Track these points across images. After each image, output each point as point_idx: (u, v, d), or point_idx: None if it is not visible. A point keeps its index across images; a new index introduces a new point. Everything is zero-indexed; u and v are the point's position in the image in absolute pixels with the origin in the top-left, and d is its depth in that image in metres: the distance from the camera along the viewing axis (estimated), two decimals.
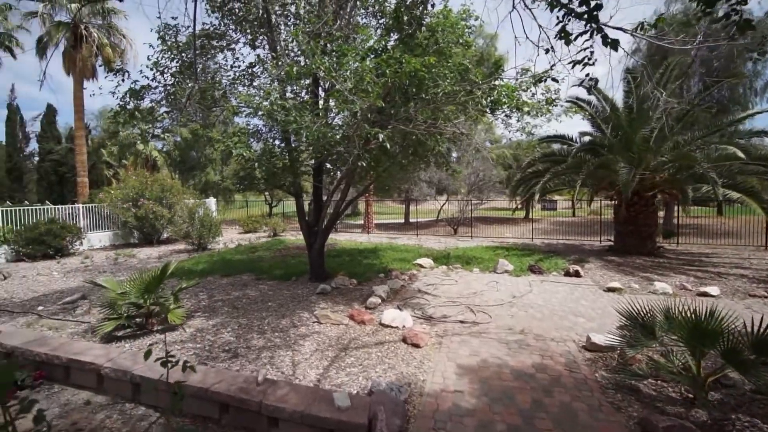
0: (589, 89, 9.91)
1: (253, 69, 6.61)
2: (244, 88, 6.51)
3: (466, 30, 4.93)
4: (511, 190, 13.54)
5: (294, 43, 6.06)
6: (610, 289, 6.64)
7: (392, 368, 3.87)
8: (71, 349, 4.07)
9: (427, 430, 2.93)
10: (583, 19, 2.17)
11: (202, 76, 6.12)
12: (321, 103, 6.07)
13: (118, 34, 18.88)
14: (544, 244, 12.95)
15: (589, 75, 2.51)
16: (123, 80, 5.81)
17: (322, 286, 6.56)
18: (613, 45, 2.04)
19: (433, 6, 4.19)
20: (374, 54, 4.45)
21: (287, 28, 6.43)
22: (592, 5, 2.08)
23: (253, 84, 6.57)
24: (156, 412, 3.41)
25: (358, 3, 5.57)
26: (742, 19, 2.02)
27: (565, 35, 2.19)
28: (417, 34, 4.57)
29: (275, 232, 16.16)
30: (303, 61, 5.56)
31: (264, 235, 15.97)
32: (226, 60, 6.77)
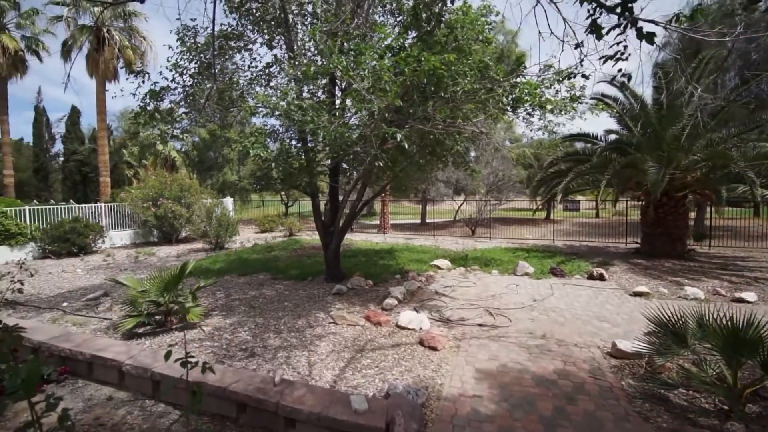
0: (621, 85, 9.63)
1: (270, 69, 6.65)
2: (261, 88, 6.54)
3: (486, 26, 4.83)
4: (532, 191, 13.20)
5: (311, 43, 6.07)
6: (637, 294, 6.40)
7: (409, 371, 3.81)
8: (94, 345, 4.15)
9: None
10: (615, 12, 2.07)
11: (220, 77, 6.17)
12: (338, 102, 6.04)
13: (139, 36, 19.30)
14: (565, 246, 12.61)
15: (621, 70, 2.40)
16: (143, 82, 5.91)
17: (338, 286, 6.54)
18: (649, 38, 1.94)
19: (452, 2, 4.10)
20: (392, 52, 4.40)
21: (304, 27, 6.44)
22: None
23: (270, 84, 6.61)
24: (175, 410, 3.45)
25: (376, 1, 5.52)
26: None
27: (596, 29, 2.09)
28: (436, 31, 4.50)
29: (291, 231, 16.24)
30: (320, 61, 5.55)
31: (280, 235, 16.07)
32: (244, 60, 6.85)
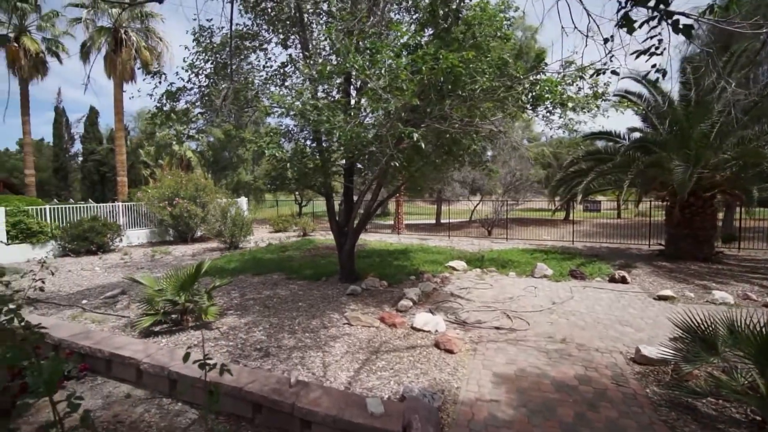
0: (646, 81, 9.28)
1: (285, 69, 6.65)
2: (276, 88, 6.55)
3: (505, 22, 4.73)
4: (551, 190, 12.91)
5: (326, 42, 6.04)
6: (661, 297, 6.19)
7: (425, 374, 3.76)
8: (113, 343, 4.20)
9: None
10: (647, 6, 1.98)
11: (236, 77, 6.20)
12: (353, 102, 6.01)
13: (155, 37, 19.60)
14: (585, 247, 12.32)
15: (656, 66, 2.29)
16: (160, 82, 5.97)
17: (352, 287, 6.51)
18: (686, 32, 1.84)
19: None
20: (408, 50, 4.34)
21: (319, 26, 6.42)
22: None
23: (285, 84, 6.61)
24: (192, 408, 3.46)
25: None
26: None
27: (627, 23, 1.99)
28: (453, 28, 4.42)
29: (305, 231, 16.27)
30: (334, 60, 5.53)
31: (294, 235, 16.13)
32: (259, 60, 6.87)
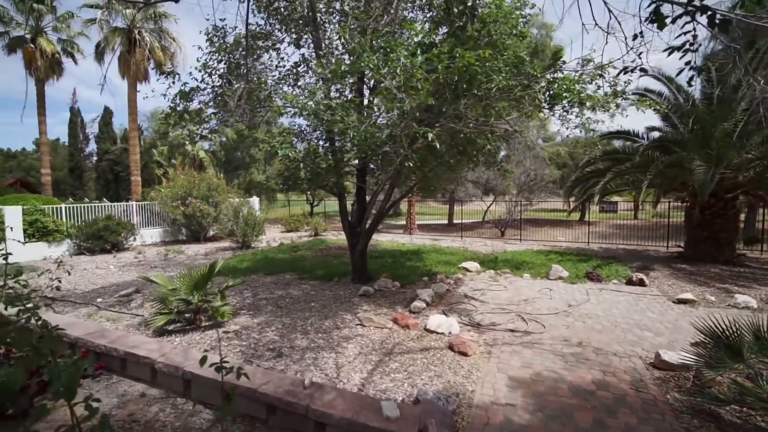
0: (667, 79, 9.02)
1: (298, 69, 6.65)
2: (289, 87, 6.55)
3: (521, 20, 4.64)
4: (566, 191, 12.70)
5: (339, 41, 6.02)
6: (681, 301, 6.04)
7: (439, 376, 3.71)
8: (128, 342, 4.24)
9: None
10: (679, 3, 1.90)
11: (249, 77, 6.21)
12: (366, 101, 5.97)
13: (168, 38, 19.79)
14: (601, 248, 12.10)
15: (690, 63, 2.20)
16: (173, 82, 6.01)
17: (364, 288, 6.47)
18: (723, 27, 1.75)
19: None
20: (422, 49, 4.28)
21: (332, 26, 6.40)
22: None
23: (298, 84, 6.60)
24: (206, 408, 3.46)
25: None
26: None
27: (658, 18, 1.91)
28: (468, 26, 4.35)
29: (317, 231, 16.27)
30: (347, 59, 5.50)
31: (305, 235, 16.15)
32: (271, 60, 6.87)
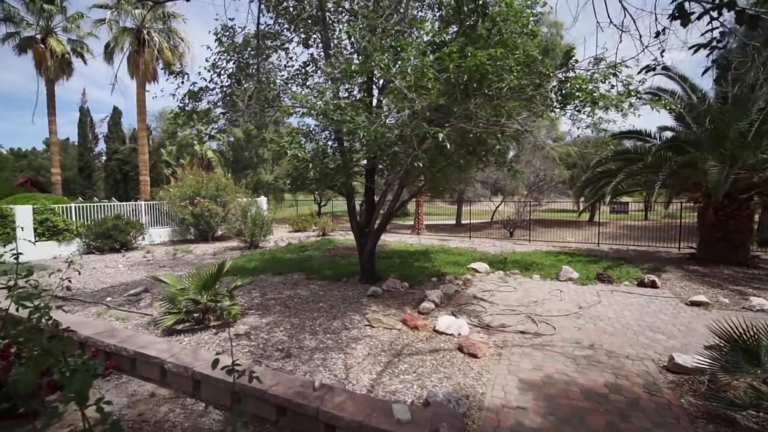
0: (680, 78, 8.88)
1: (307, 68, 6.63)
2: (298, 87, 6.53)
3: (532, 18, 4.58)
4: (577, 191, 12.52)
5: (348, 41, 5.99)
6: (694, 303, 5.93)
7: (448, 378, 3.68)
8: (137, 342, 4.25)
9: None
10: (702, 1, 1.84)
11: (258, 77, 6.21)
12: (375, 101, 5.93)
13: (177, 38, 19.92)
14: (612, 250, 11.95)
15: (717, 60, 2.14)
16: (182, 82, 6.02)
17: (373, 288, 6.44)
18: (751, 23, 1.70)
19: None
20: (433, 48, 4.24)
21: (341, 25, 6.38)
22: None
23: (307, 83, 6.59)
24: (215, 409, 3.46)
25: None
26: None
27: (682, 14, 1.86)
28: (478, 25, 4.30)
29: (324, 231, 16.27)
30: (357, 59, 5.47)
31: (313, 235, 16.16)
32: (280, 60, 6.87)
